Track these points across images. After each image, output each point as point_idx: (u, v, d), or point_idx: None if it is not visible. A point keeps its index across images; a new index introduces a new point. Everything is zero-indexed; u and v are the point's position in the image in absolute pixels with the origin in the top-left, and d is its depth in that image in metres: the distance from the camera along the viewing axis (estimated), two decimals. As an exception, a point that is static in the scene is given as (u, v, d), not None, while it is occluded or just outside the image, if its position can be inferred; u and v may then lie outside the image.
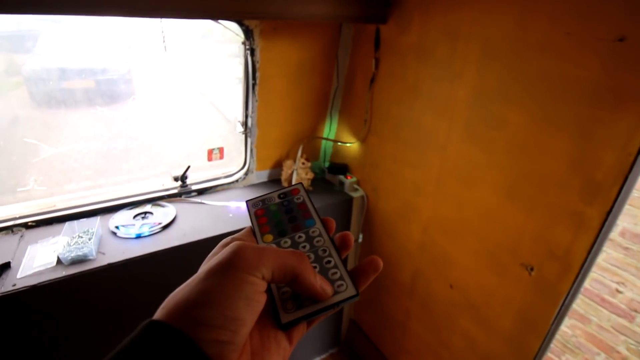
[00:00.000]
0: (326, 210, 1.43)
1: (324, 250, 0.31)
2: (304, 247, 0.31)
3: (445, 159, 1.12)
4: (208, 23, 1.12)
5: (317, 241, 0.31)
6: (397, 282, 1.45)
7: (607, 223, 0.79)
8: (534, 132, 0.88)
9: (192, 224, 1.22)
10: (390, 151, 1.34)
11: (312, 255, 0.30)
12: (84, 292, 1.01)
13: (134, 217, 1.23)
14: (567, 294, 0.88)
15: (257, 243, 0.32)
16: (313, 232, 0.32)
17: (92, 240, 1.05)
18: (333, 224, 0.33)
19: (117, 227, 1.16)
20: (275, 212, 0.35)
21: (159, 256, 1.07)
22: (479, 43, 0.96)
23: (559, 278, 0.88)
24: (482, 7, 0.94)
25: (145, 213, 1.26)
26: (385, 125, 1.34)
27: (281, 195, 0.36)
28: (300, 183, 0.39)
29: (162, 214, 1.26)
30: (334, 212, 1.47)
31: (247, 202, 0.37)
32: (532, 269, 0.93)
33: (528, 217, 0.93)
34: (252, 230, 0.33)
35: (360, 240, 1.62)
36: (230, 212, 1.31)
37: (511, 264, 0.98)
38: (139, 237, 1.14)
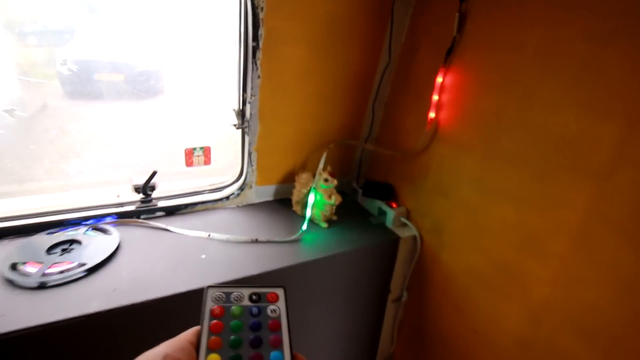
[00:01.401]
0: (356, 253, 0.91)
1: None
2: None
3: (607, 196, 0.57)
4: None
5: None
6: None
7: None
8: None
9: (136, 267, 0.75)
10: (474, 171, 0.80)
11: None
12: None
13: (49, 248, 0.77)
14: None
15: None
16: None
17: (-50, 292, 0.59)
18: None
19: (13, 266, 0.70)
20: (237, 323, 0.26)
21: (55, 332, 0.60)
22: None
23: None
24: None
25: (71, 242, 0.79)
26: (469, 127, 0.80)
27: (254, 297, 0.28)
28: (282, 287, 0.29)
29: (97, 245, 0.79)
30: (368, 255, 0.94)
31: (207, 288, 0.28)
32: None
33: None
34: (198, 335, 0.26)
35: (404, 299, 1.07)
36: (204, 252, 0.82)
37: None
38: (41, 287, 0.67)
